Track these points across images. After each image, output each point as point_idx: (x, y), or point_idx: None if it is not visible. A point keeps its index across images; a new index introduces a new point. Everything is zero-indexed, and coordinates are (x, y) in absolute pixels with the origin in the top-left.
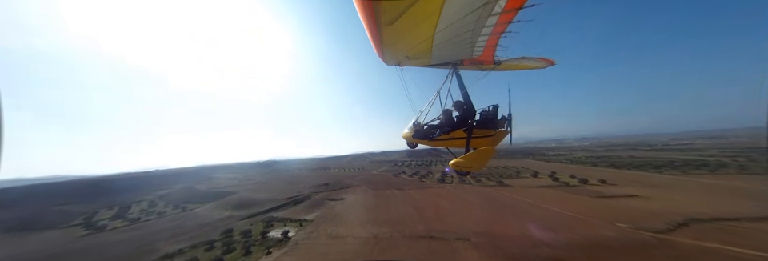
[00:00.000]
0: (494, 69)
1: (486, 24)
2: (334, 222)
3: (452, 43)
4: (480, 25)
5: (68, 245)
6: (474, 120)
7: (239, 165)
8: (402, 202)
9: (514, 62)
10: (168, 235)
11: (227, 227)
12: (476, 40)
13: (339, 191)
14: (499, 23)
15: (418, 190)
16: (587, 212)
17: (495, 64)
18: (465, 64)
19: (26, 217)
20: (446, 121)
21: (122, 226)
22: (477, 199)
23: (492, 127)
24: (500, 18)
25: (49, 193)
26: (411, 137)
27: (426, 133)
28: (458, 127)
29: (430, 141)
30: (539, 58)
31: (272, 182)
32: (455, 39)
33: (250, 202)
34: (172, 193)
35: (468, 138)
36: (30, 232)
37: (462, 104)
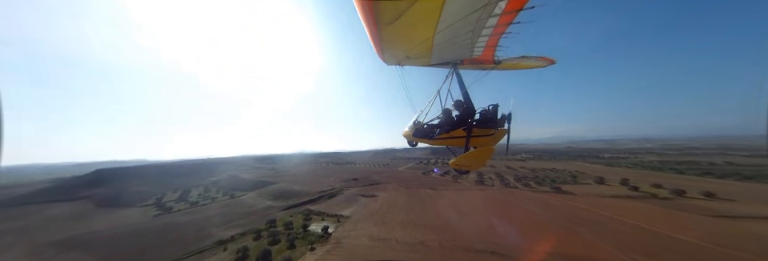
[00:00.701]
0: (494, 68)
1: (487, 25)
2: (371, 221)
3: (452, 43)
4: (480, 25)
5: (145, 223)
6: (474, 119)
7: (274, 156)
8: (442, 205)
9: (514, 62)
10: (221, 221)
11: (271, 217)
12: (476, 40)
13: (370, 188)
14: (499, 24)
15: (455, 192)
16: (712, 238)
17: (495, 63)
18: (465, 63)
19: (112, 195)
20: (446, 120)
21: (184, 208)
22: (537, 208)
23: (492, 126)
24: (500, 19)
25: (131, 175)
26: (411, 135)
27: (426, 132)
28: (458, 126)
29: (430, 140)
30: (539, 57)
31: (304, 174)
32: (455, 39)
33: (288, 194)
34: (221, 180)
35: (468, 137)
36: (115, 208)
37: (461, 103)
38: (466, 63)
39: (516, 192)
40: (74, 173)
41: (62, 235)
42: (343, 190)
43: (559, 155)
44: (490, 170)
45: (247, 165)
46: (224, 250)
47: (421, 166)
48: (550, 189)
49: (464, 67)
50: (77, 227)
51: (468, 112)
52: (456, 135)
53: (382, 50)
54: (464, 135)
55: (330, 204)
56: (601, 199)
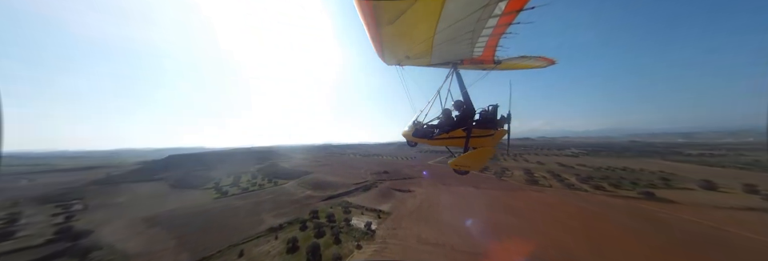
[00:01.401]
0: (495, 68)
1: (487, 25)
2: (414, 219)
3: (452, 44)
4: (480, 26)
5: (208, 205)
6: (474, 120)
7: (305, 147)
8: (493, 207)
9: (514, 62)
10: (269, 207)
11: (313, 208)
12: (476, 41)
13: (403, 182)
14: (499, 25)
15: (505, 193)
16: None
17: (495, 63)
18: (465, 63)
19: (181, 177)
20: (446, 120)
21: (238, 192)
22: (635, 222)
23: (491, 127)
24: (500, 20)
25: (193, 161)
26: (411, 136)
27: (425, 132)
28: (458, 127)
29: (429, 140)
30: (539, 57)
31: (336, 165)
32: (455, 40)
33: (325, 184)
34: (264, 168)
35: (467, 137)
36: (183, 189)
37: (461, 103)
38: (466, 63)
39: (588, 196)
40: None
41: (149, 212)
42: (377, 184)
43: (623, 151)
44: (538, 167)
45: (283, 154)
46: (275, 239)
47: (446, 160)
48: (638, 194)
49: (464, 67)
50: (158, 205)
51: (468, 112)
52: (456, 136)
53: (382, 50)
54: (464, 136)
55: (366, 197)
56: (722, 212)
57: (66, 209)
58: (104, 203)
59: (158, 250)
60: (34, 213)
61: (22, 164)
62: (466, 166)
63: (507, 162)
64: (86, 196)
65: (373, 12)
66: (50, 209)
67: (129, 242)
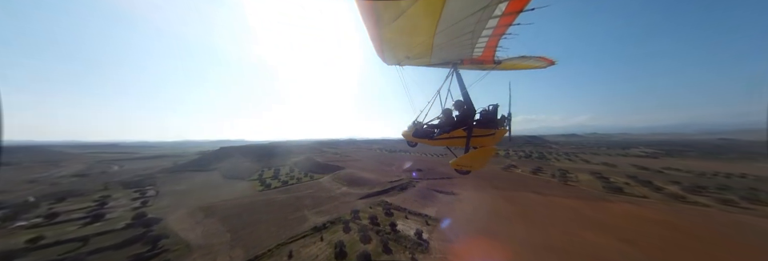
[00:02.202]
0: (495, 68)
1: (487, 26)
2: (474, 231)
3: (452, 44)
4: (480, 27)
5: (255, 197)
6: (474, 119)
7: (331, 141)
8: (579, 223)
9: (514, 62)
10: (310, 203)
11: (352, 206)
12: (476, 41)
13: (442, 182)
14: (500, 25)
15: (585, 203)
16: None
17: (495, 64)
18: (465, 64)
19: (231, 168)
20: (446, 120)
21: (279, 186)
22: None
23: (492, 126)
24: (500, 21)
25: (240, 153)
26: (411, 136)
27: (426, 132)
28: (458, 127)
29: (430, 140)
30: (539, 58)
31: (366, 160)
32: (455, 40)
33: (359, 181)
34: (299, 162)
35: (468, 137)
36: (233, 180)
37: (462, 103)
38: (466, 63)
39: (719, 215)
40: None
41: (205, 202)
42: (413, 183)
43: (718, 152)
44: (610, 170)
45: (315, 148)
46: (321, 240)
47: (491, 159)
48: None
49: (464, 67)
50: (213, 195)
51: (468, 112)
52: (456, 135)
53: (382, 50)
54: (464, 135)
55: (405, 198)
56: None
57: (143, 194)
58: (171, 190)
59: (215, 244)
60: (119, 196)
61: (116, 152)
62: (468, 165)
63: (561, 163)
64: (157, 183)
65: (373, 12)
66: (130, 193)
67: (190, 233)
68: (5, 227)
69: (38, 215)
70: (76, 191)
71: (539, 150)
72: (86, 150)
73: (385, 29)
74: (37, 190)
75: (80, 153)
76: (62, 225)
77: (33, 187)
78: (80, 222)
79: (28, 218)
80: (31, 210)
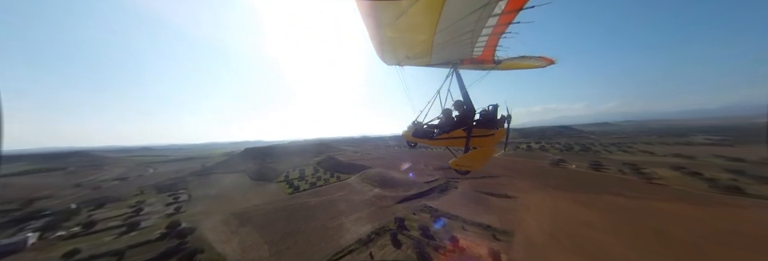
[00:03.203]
0: (495, 68)
1: (486, 25)
2: (575, 254)
3: (452, 43)
4: (480, 25)
5: (286, 201)
6: (474, 120)
7: (346, 139)
8: (722, 240)
9: (514, 62)
10: (345, 208)
11: (393, 212)
12: (476, 40)
13: (487, 182)
14: (499, 24)
15: (704, 209)
16: None
17: (495, 63)
18: (465, 64)
19: (257, 170)
20: (446, 120)
21: (307, 188)
22: None
23: (492, 127)
24: (500, 19)
25: (263, 154)
26: (411, 136)
27: (426, 132)
28: (458, 127)
29: (429, 140)
30: (539, 57)
31: (389, 158)
32: (455, 39)
33: (391, 182)
34: (322, 161)
35: (468, 137)
36: (261, 182)
37: (461, 103)
38: (466, 63)
39: None
40: (231, 149)
41: (238, 207)
42: (453, 183)
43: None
44: (695, 164)
45: (333, 147)
46: (371, 258)
47: (529, 153)
48: None
49: (464, 67)
50: (244, 200)
51: (468, 112)
52: (456, 136)
53: (382, 49)
54: (464, 135)
55: (452, 203)
56: None
57: (176, 199)
58: (203, 195)
59: (254, 260)
60: (154, 202)
61: (150, 155)
62: (468, 166)
63: (617, 155)
64: (189, 186)
65: (373, 12)
66: (164, 198)
67: (227, 245)
68: (45, 238)
69: (78, 223)
70: (114, 197)
71: (578, 142)
72: (124, 154)
73: (385, 29)
74: (79, 195)
75: (119, 157)
76: (99, 235)
77: (77, 192)
78: (116, 232)
79: (68, 226)
80: (72, 217)
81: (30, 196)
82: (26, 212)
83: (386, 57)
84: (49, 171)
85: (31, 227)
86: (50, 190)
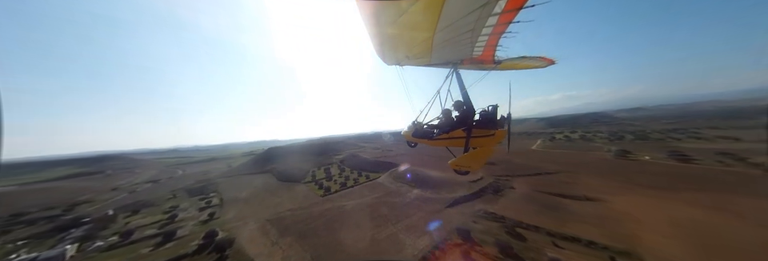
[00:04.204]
0: (495, 68)
1: (486, 24)
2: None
3: (452, 43)
4: (480, 25)
5: (320, 205)
6: (474, 120)
7: (361, 135)
8: None
9: (514, 62)
10: (389, 213)
11: (448, 219)
12: (476, 40)
13: (548, 179)
14: (499, 23)
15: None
16: None
17: (495, 63)
18: (465, 64)
19: (283, 170)
20: (446, 120)
21: (338, 189)
22: None
23: (492, 127)
24: (500, 19)
25: (285, 153)
26: (411, 136)
27: (425, 132)
28: (458, 127)
29: (429, 140)
30: (539, 57)
31: (414, 154)
32: (455, 39)
33: (428, 181)
34: (346, 159)
35: (467, 137)
36: (289, 183)
37: (461, 104)
38: (466, 63)
39: None
40: (250, 149)
41: (272, 212)
42: (504, 182)
43: None
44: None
45: (351, 144)
46: None
47: (579, 145)
48: None
49: (464, 67)
50: (276, 202)
51: (468, 113)
52: (455, 136)
53: (382, 49)
54: (463, 136)
55: (516, 207)
56: None
57: (208, 204)
58: (234, 198)
59: None
60: (187, 206)
61: (177, 156)
62: (467, 166)
63: (688, 143)
64: (218, 189)
65: (373, 12)
66: (196, 202)
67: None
68: (83, 250)
69: (115, 232)
70: (148, 201)
71: (623, 130)
72: (154, 156)
73: (385, 28)
74: (116, 200)
75: (150, 159)
76: (136, 246)
77: (114, 196)
78: (152, 242)
79: (105, 236)
80: (109, 225)
81: (72, 200)
82: (67, 219)
83: (386, 56)
84: (89, 175)
85: (71, 237)
86: (89, 193)
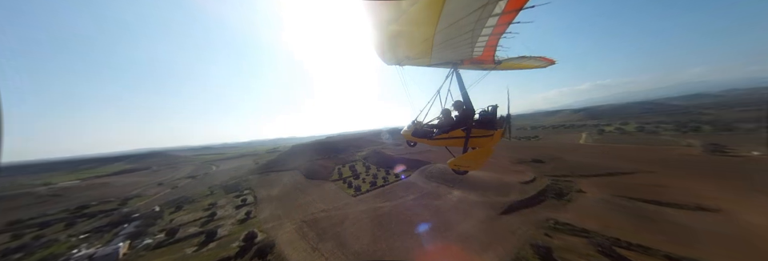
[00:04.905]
0: (495, 68)
1: (486, 25)
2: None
3: (452, 44)
4: (480, 25)
5: (355, 205)
6: (474, 120)
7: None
8: None
9: (514, 62)
10: (432, 217)
11: (514, 231)
12: (476, 40)
13: (627, 181)
14: (499, 24)
15: None
16: None
17: (495, 64)
18: (465, 64)
19: (309, 167)
20: (446, 120)
21: (368, 188)
22: None
23: (491, 127)
24: (500, 19)
25: (308, 150)
26: (410, 135)
27: (425, 132)
28: (457, 127)
29: (429, 140)
30: (539, 58)
31: (440, 151)
32: (455, 40)
33: (463, 180)
34: (369, 156)
35: (467, 137)
36: (317, 181)
37: (461, 104)
38: (466, 63)
39: None
40: (274, 146)
41: (306, 212)
42: (565, 183)
43: None
44: None
45: (371, 140)
46: None
47: (618, 138)
48: None
49: (464, 67)
50: (307, 202)
51: (467, 113)
52: (455, 136)
53: (382, 50)
54: (463, 136)
55: (598, 217)
56: None
57: (244, 201)
58: (267, 196)
59: None
60: (224, 204)
61: (210, 153)
62: (466, 166)
63: None
64: (251, 186)
65: (373, 12)
66: (232, 199)
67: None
68: (134, 247)
69: (162, 229)
70: (189, 197)
71: (693, 119)
72: (191, 153)
73: (385, 29)
74: (161, 195)
75: (187, 156)
76: (181, 244)
77: (159, 191)
78: (196, 241)
79: (153, 233)
80: (156, 221)
81: (125, 195)
82: (120, 215)
83: (386, 57)
84: (138, 171)
85: (123, 233)
86: (138, 188)
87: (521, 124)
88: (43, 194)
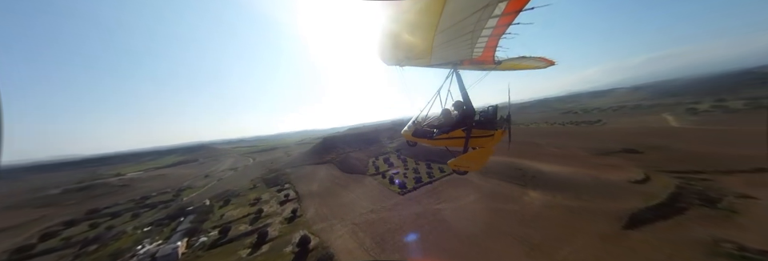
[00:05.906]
0: (495, 69)
1: (486, 26)
2: None
3: (452, 44)
4: (480, 26)
5: (406, 205)
6: (474, 120)
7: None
8: None
9: (514, 62)
10: (519, 229)
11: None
12: (476, 41)
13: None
14: (499, 25)
15: None
16: None
17: (495, 64)
18: (465, 64)
19: (343, 160)
20: (446, 120)
21: (415, 185)
22: None
23: (491, 127)
24: (500, 20)
25: (340, 142)
26: (411, 135)
27: (425, 132)
28: (458, 127)
29: (429, 140)
30: (539, 58)
31: None
32: (455, 40)
33: (542, 178)
34: (401, 149)
35: (467, 137)
36: (354, 175)
37: (461, 104)
38: (466, 64)
39: None
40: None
41: (355, 213)
42: (704, 183)
43: None
44: None
45: (394, 130)
46: None
47: (726, 119)
48: None
49: (464, 68)
50: (351, 200)
51: (468, 113)
52: (455, 136)
53: (382, 50)
54: (463, 136)
55: (744, 235)
56: None
57: (286, 197)
58: (308, 192)
59: None
60: (267, 199)
61: (245, 145)
62: (466, 166)
63: None
64: (291, 180)
65: (374, 12)
66: (275, 194)
67: None
68: (191, 246)
69: (215, 225)
70: (234, 191)
71: None
72: (229, 146)
73: (385, 29)
74: (209, 187)
75: (227, 148)
76: (234, 245)
77: (207, 183)
78: (248, 242)
79: (207, 230)
80: (208, 216)
81: (178, 186)
82: (176, 208)
83: (386, 57)
84: (187, 163)
85: (181, 229)
86: (189, 180)
87: (562, 107)
88: (115, 184)
